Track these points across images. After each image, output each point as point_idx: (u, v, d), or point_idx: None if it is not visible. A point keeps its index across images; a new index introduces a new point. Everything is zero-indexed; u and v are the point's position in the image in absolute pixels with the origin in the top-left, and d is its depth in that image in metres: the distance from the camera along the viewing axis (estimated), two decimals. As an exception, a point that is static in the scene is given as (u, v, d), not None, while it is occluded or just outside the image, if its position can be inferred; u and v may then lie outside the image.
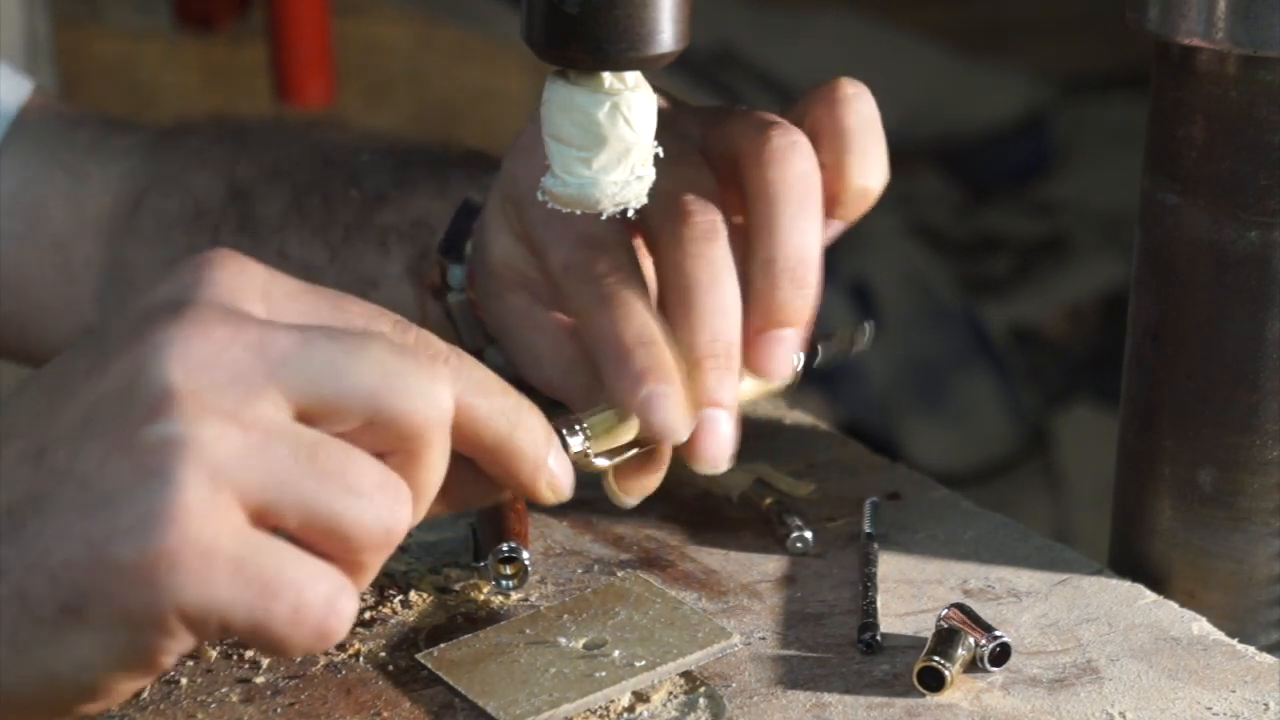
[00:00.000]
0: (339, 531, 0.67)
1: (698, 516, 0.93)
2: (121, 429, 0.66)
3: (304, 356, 0.68)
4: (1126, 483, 0.90)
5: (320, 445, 0.67)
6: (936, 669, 0.80)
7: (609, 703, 0.79)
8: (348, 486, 0.67)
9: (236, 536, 0.66)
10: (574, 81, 0.81)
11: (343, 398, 0.68)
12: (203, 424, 0.65)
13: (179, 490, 0.65)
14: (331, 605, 0.67)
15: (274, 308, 0.70)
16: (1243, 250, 0.83)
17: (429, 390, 0.69)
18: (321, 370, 0.68)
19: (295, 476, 0.66)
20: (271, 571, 0.66)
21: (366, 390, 0.68)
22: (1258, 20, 0.80)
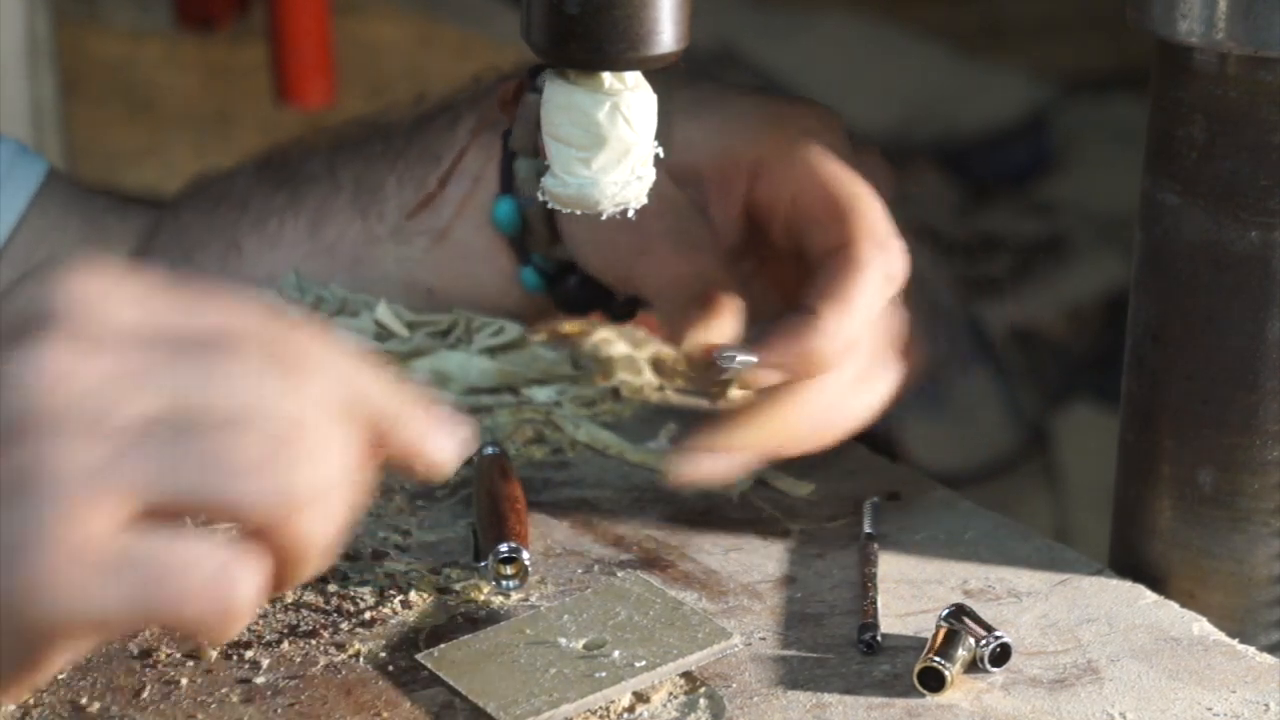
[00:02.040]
0: (236, 513, 0.66)
1: (698, 516, 0.93)
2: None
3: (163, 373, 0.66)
4: (1126, 483, 0.90)
5: (193, 432, 0.66)
6: (936, 669, 0.80)
7: (609, 703, 0.79)
8: (231, 467, 0.66)
9: (109, 541, 0.65)
10: (574, 81, 0.81)
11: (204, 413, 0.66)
12: (59, 441, 0.65)
13: (41, 508, 0.64)
14: (227, 578, 0.66)
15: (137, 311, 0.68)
16: (1243, 250, 0.83)
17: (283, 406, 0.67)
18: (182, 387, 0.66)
19: (173, 469, 0.65)
20: (153, 562, 0.65)
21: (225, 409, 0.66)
22: (1258, 20, 0.80)
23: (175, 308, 0.68)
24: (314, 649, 0.83)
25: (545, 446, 0.99)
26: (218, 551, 0.66)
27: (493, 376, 1.01)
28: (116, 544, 0.65)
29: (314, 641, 0.83)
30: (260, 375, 0.67)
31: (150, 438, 0.65)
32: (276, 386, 0.67)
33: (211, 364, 0.67)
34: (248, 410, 0.66)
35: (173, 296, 0.69)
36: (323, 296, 1.03)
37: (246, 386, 0.67)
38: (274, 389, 0.67)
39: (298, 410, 0.67)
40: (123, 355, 0.66)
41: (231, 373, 0.67)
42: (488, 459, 0.94)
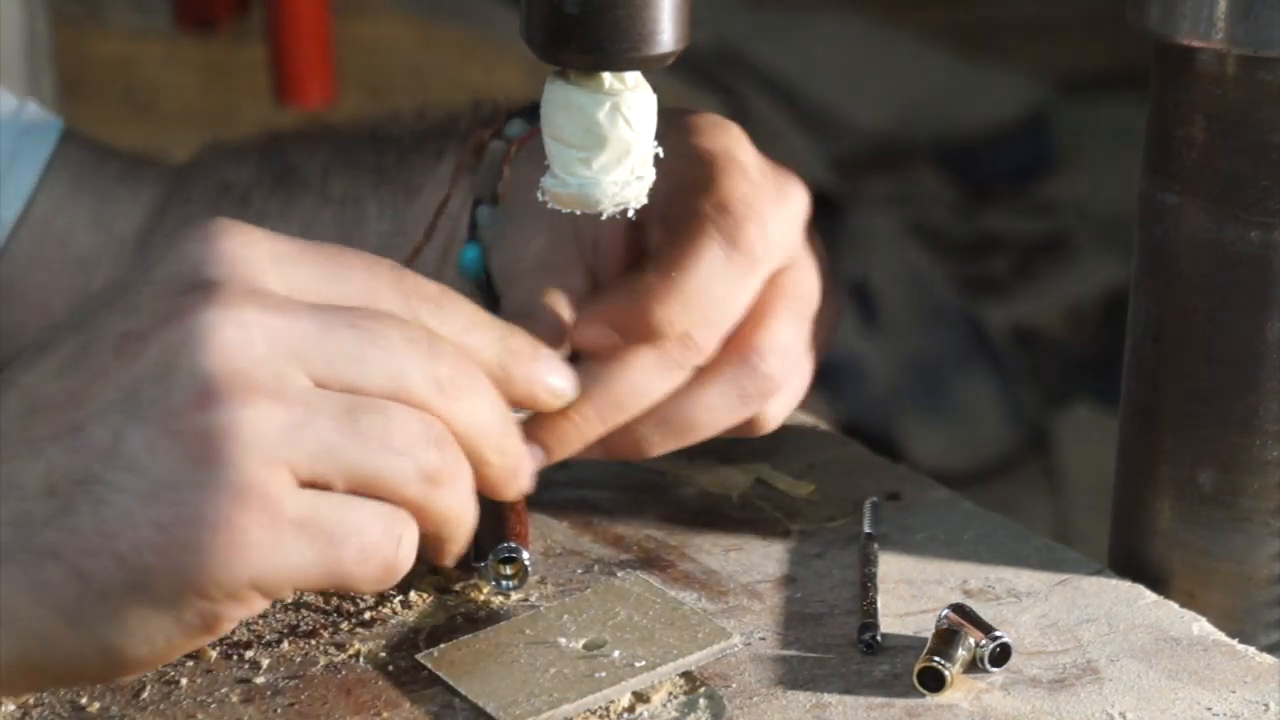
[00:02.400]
0: (385, 486, 0.72)
1: (698, 516, 0.93)
2: (167, 415, 0.68)
3: (326, 343, 0.71)
4: (1126, 483, 0.90)
5: (357, 409, 0.71)
6: (936, 669, 0.80)
7: (609, 703, 0.79)
8: (390, 446, 0.71)
9: (296, 500, 0.69)
10: (574, 81, 0.81)
11: (360, 382, 0.71)
12: (247, 406, 0.69)
13: (238, 472, 0.68)
14: (392, 539, 0.72)
15: (284, 274, 0.72)
16: (1243, 250, 0.83)
17: (432, 373, 0.73)
18: (341, 356, 0.71)
19: (339, 444, 0.70)
20: (333, 524, 0.70)
21: (381, 378, 0.72)
22: (1258, 20, 0.80)
23: (320, 270, 0.73)
24: (314, 649, 0.83)
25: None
26: (389, 513, 0.72)
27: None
28: (301, 506, 0.70)
29: (314, 641, 0.83)
30: (406, 341, 0.73)
31: (321, 408, 0.70)
32: (421, 352, 0.73)
33: (363, 331, 0.72)
34: (400, 381, 0.72)
35: (315, 259, 0.74)
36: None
37: (396, 354, 0.72)
38: (419, 356, 0.73)
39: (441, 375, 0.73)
40: (286, 320, 0.71)
41: (381, 340, 0.72)
42: None
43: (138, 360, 0.69)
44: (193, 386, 0.68)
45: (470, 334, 0.76)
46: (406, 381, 0.72)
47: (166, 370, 0.69)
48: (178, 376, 0.69)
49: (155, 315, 0.70)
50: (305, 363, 0.70)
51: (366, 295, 0.74)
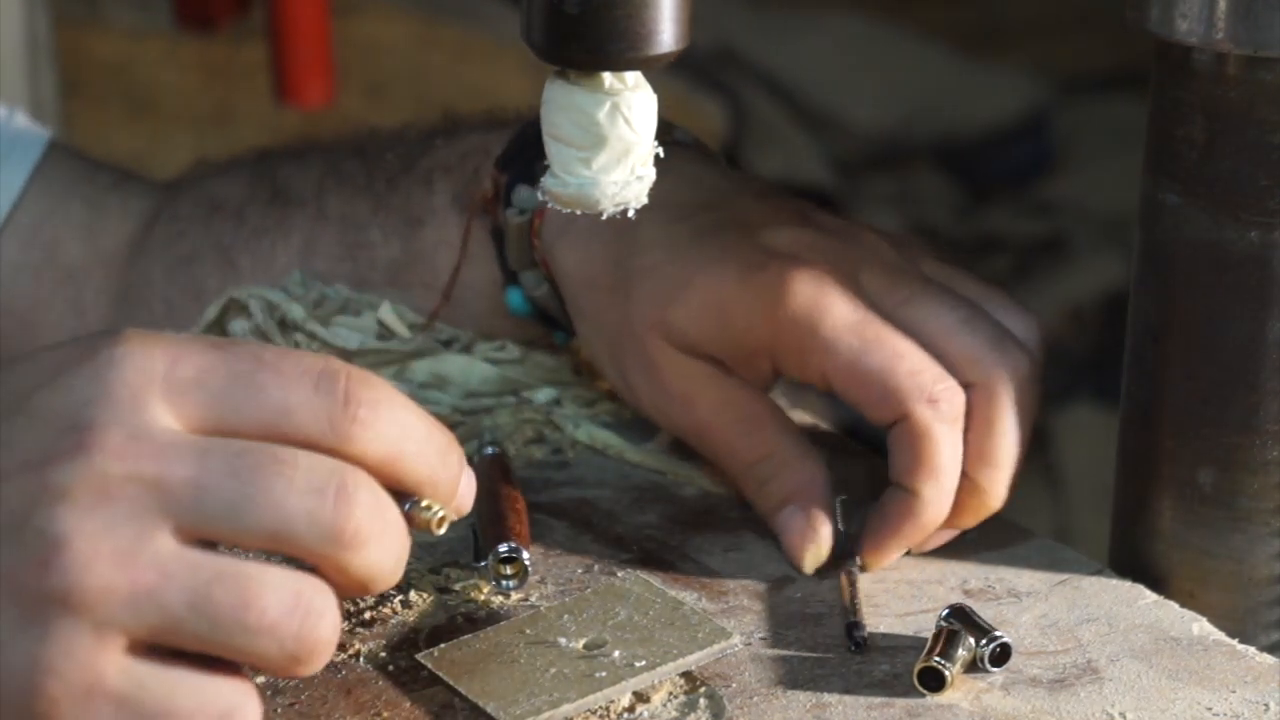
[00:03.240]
0: (242, 661, 0.68)
1: (698, 516, 0.93)
2: (10, 569, 0.66)
3: (201, 497, 0.67)
4: (1126, 483, 0.90)
5: (218, 580, 0.67)
6: (936, 669, 0.80)
7: (609, 703, 0.79)
8: (244, 625, 0.67)
9: (121, 675, 0.67)
10: (574, 81, 0.81)
11: (239, 536, 0.68)
12: (89, 575, 0.66)
13: (61, 641, 0.66)
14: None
15: (181, 402, 0.68)
16: (1243, 250, 0.83)
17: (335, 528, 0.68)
18: (218, 512, 0.67)
19: (189, 618, 0.67)
20: (155, 705, 0.67)
21: (265, 532, 0.68)
22: (1258, 20, 0.80)
23: (223, 396, 0.69)
24: (314, 649, 0.83)
25: (545, 446, 0.99)
26: (223, 691, 0.68)
27: (494, 382, 1.00)
28: (126, 680, 0.67)
29: (314, 641, 0.83)
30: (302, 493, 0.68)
31: (176, 576, 0.66)
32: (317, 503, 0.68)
33: (245, 482, 0.67)
34: (283, 538, 0.68)
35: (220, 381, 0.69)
36: (326, 294, 1.03)
37: (279, 511, 0.68)
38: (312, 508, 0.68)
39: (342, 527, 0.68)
40: (160, 470, 0.67)
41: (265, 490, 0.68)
42: (488, 459, 0.93)
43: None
44: (38, 547, 0.66)
45: (401, 445, 0.71)
46: (290, 536, 0.68)
47: (19, 523, 0.66)
48: (26, 533, 0.66)
49: (22, 456, 0.67)
50: (175, 518, 0.67)
51: (278, 416, 0.69)
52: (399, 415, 0.71)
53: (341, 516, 0.68)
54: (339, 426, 0.69)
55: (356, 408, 0.70)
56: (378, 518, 0.69)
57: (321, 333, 0.99)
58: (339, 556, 0.69)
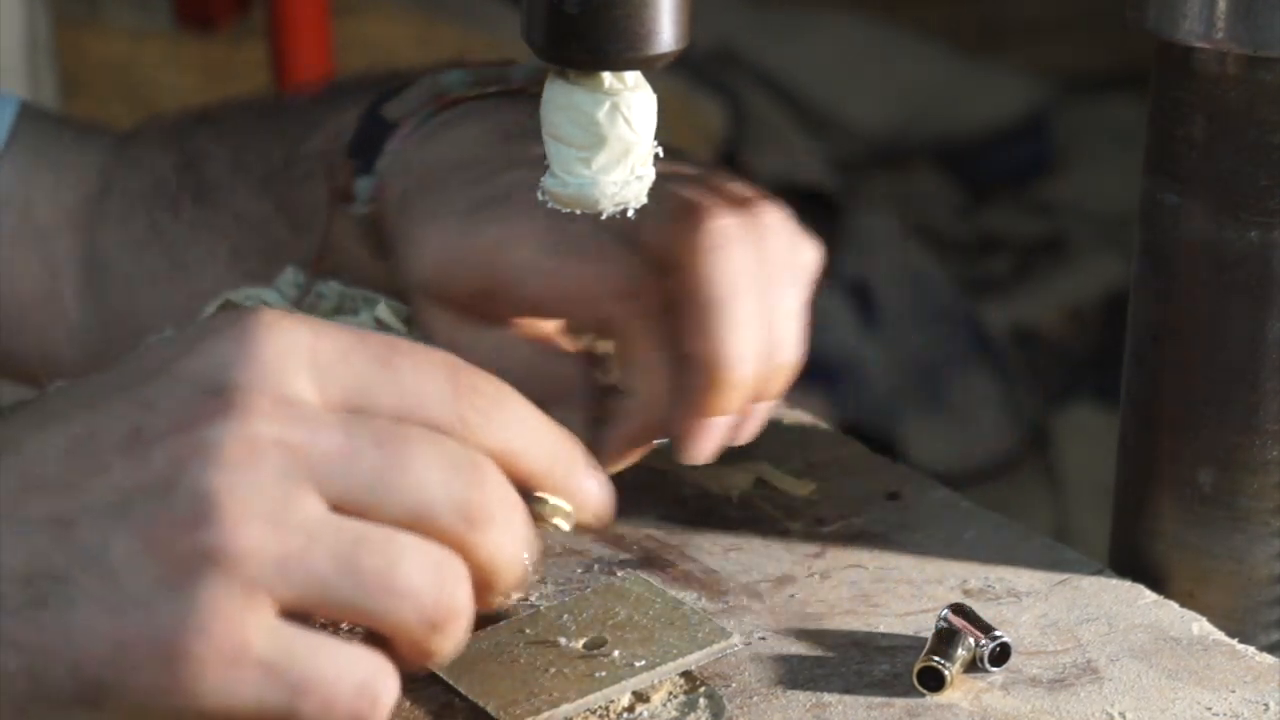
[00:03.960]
0: (383, 628, 0.68)
1: (698, 516, 0.93)
2: (158, 528, 0.66)
3: (347, 467, 0.67)
4: (1126, 483, 0.90)
5: (363, 544, 0.67)
6: (936, 669, 0.80)
7: (609, 703, 0.79)
8: (389, 588, 0.67)
9: (268, 637, 0.66)
10: (574, 81, 0.81)
11: (383, 509, 0.68)
12: (240, 534, 0.65)
13: (210, 601, 0.65)
14: (363, 693, 0.68)
15: (323, 377, 0.69)
16: (1243, 250, 0.83)
17: (469, 506, 0.69)
18: (364, 482, 0.67)
19: (335, 581, 0.67)
20: (301, 670, 0.67)
21: (404, 504, 0.68)
22: (1258, 20, 0.80)
23: (363, 373, 0.69)
24: (314, 649, 0.83)
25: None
26: (363, 661, 0.68)
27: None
28: (273, 642, 0.66)
29: (314, 641, 0.83)
30: (438, 468, 0.68)
31: (323, 539, 0.67)
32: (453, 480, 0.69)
33: (390, 454, 0.68)
34: (422, 511, 0.68)
35: (360, 359, 0.69)
36: (321, 293, 1.03)
37: (423, 482, 0.68)
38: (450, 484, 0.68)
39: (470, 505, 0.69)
40: (308, 437, 0.67)
41: (409, 466, 0.68)
42: None
43: (142, 465, 0.66)
44: (189, 505, 0.65)
45: (521, 439, 0.72)
46: (429, 512, 0.68)
47: (167, 483, 0.66)
48: (177, 492, 0.66)
49: (169, 417, 0.67)
50: (321, 485, 0.67)
51: (412, 400, 0.70)
52: (518, 411, 0.72)
53: (474, 493, 0.69)
54: (464, 416, 0.70)
55: (479, 399, 0.71)
56: (504, 501, 0.70)
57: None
58: (469, 535, 0.69)
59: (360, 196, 0.98)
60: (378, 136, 0.98)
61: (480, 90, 0.96)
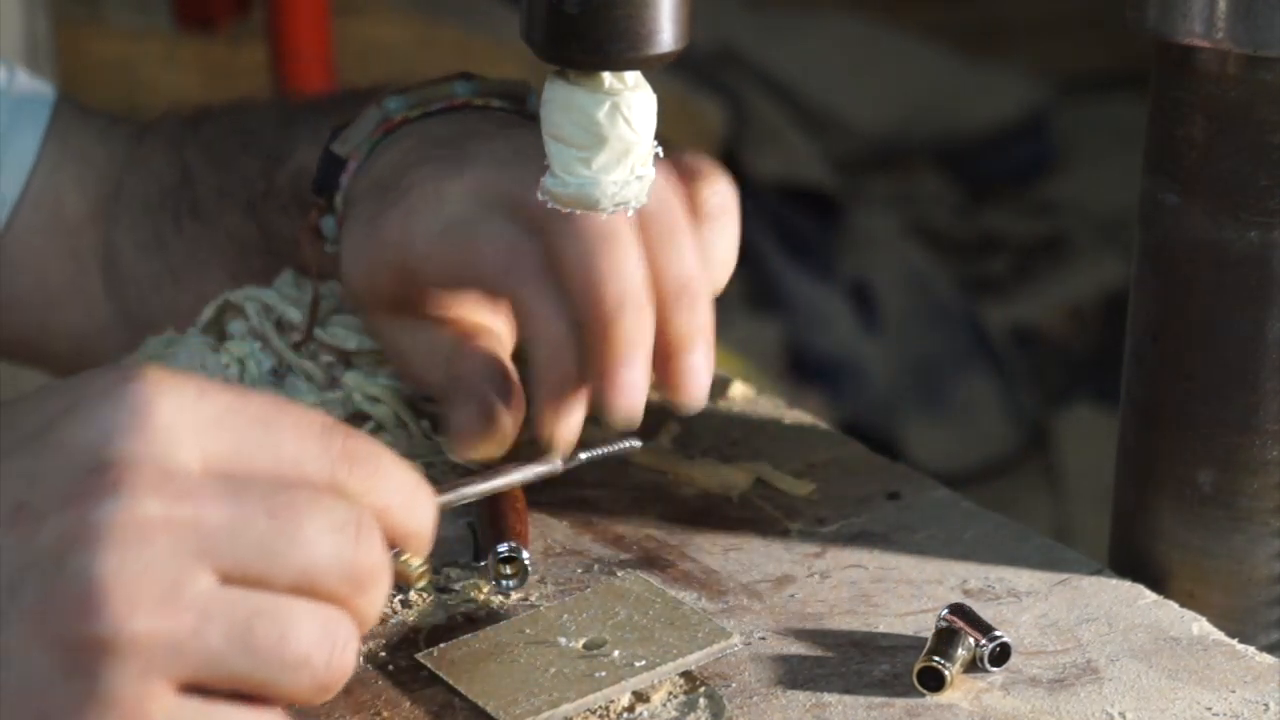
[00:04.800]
0: (277, 695, 0.68)
1: (698, 516, 0.93)
2: (49, 613, 0.65)
3: (237, 539, 0.67)
4: (1126, 483, 0.90)
5: (256, 617, 0.67)
6: (936, 669, 0.80)
7: (609, 703, 0.79)
8: (284, 659, 0.67)
9: (166, 713, 0.66)
10: (574, 81, 0.81)
11: (274, 577, 0.68)
12: (133, 621, 0.65)
13: (107, 690, 0.65)
14: None
15: (206, 441, 0.68)
16: (1243, 250, 0.83)
17: (356, 568, 0.69)
18: (254, 553, 0.67)
19: (231, 657, 0.67)
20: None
21: (295, 570, 0.68)
22: (1258, 20, 0.80)
23: (247, 436, 0.69)
24: (314, 649, 0.83)
25: (545, 446, 0.99)
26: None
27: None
28: (172, 716, 0.66)
29: (314, 641, 0.83)
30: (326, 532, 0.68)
31: (216, 616, 0.66)
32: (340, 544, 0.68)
33: (280, 521, 0.68)
34: (311, 577, 0.68)
35: (243, 422, 0.69)
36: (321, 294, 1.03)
37: (311, 548, 0.68)
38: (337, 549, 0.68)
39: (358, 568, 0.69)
40: (197, 511, 0.67)
41: (298, 532, 0.68)
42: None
43: (28, 543, 0.65)
44: (79, 590, 0.64)
45: (393, 498, 0.72)
46: (319, 577, 0.68)
47: (56, 562, 0.65)
48: (65, 574, 0.65)
49: (55, 493, 0.66)
50: (211, 559, 0.66)
51: (292, 463, 0.69)
52: (391, 471, 0.72)
53: (362, 555, 0.69)
54: (340, 476, 0.70)
55: (355, 460, 0.70)
56: (382, 561, 0.70)
57: (318, 333, 0.99)
58: (354, 597, 0.69)
59: (329, 236, 0.99)
60: (334, 173, 0.98)
61: (423, 110, 0.97)
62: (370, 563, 0.69)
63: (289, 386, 0.98)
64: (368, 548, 0.69)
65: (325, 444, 0.70)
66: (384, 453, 0.72)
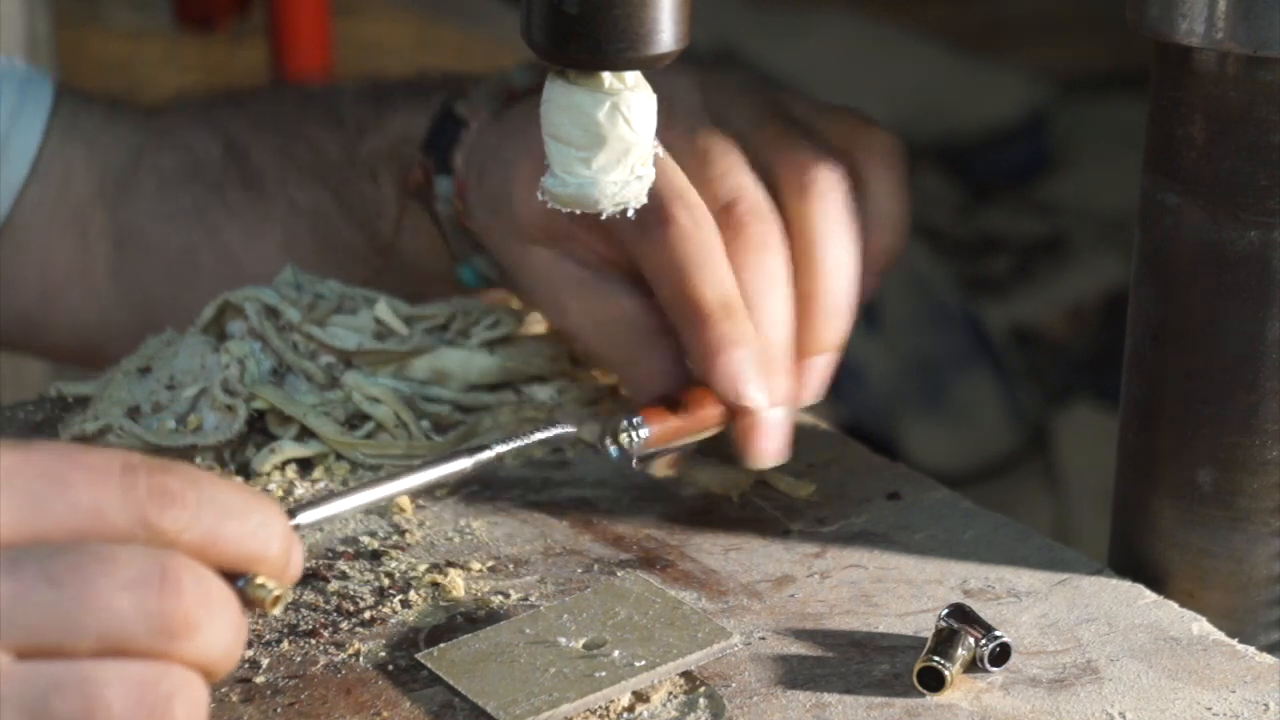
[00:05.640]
0: None
1: (698, 516, 0.93)
2: None
3: (22, 612, 0.63)
4: (1126, 483, 0.90)
5: (54, 690, 0.64)
6: (936, 669, 0.80)
7: (609, 703, 0.79)
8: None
9: None
10: (574, 81, 0.81)
11: (73, 644, 0.64)
12: None
13: None
14: None
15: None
16: (1243, 250, 0.83)
17: (166, 617, 0.65)
18: (43, 624, 0.64)
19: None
20: None
21: (94, 634, 0.64)
22: (1258, 20, 0.80)
23: (31, 497, 0.65)
24: (314, 648, 0.83)
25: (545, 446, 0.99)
26: None
27: (493, 373, 1.01)
28: None
29: (314, 641, 0.83)
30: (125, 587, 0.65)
31: (8, 697, 0.63)
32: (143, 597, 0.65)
33: (67, 588, 0.64)
34: (117, 638, 0.64)
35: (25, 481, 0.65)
36: (320, 293, 1.03)
37: (109, 609, 0.64)
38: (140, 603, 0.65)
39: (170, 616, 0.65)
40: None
41: (90, 594, 0.64)
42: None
43: None
44: None
45: (224, 526, 0.68)
46: (124, 635, 0.64)
47: None
48: None
49: None
50: (4, 634, 0.63)
51: (91, 514, 0.65)
52: (211, 496, 0.68)
53: (170, 605, 0.65)
54: (148, 518, 0.66)
55: (166, 498, 0.67)
56: (207, 601, 0.66)
57: (318, 334, 0.99)
58: (173, 647, 0.66)
59: (441, 194, 1.01)
60: (451, 134, 1.00)
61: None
62: (183, 608, 0.65)
63: (289, 386, 0.99)
64: (175, 593, 0.65)
65: (126, 487, 0.66)
66: (205, 481, 0.68)
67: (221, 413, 0.97)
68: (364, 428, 0.98)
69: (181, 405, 0.98)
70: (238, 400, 0.97)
